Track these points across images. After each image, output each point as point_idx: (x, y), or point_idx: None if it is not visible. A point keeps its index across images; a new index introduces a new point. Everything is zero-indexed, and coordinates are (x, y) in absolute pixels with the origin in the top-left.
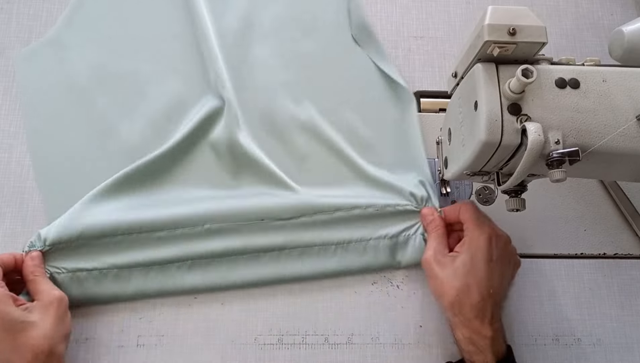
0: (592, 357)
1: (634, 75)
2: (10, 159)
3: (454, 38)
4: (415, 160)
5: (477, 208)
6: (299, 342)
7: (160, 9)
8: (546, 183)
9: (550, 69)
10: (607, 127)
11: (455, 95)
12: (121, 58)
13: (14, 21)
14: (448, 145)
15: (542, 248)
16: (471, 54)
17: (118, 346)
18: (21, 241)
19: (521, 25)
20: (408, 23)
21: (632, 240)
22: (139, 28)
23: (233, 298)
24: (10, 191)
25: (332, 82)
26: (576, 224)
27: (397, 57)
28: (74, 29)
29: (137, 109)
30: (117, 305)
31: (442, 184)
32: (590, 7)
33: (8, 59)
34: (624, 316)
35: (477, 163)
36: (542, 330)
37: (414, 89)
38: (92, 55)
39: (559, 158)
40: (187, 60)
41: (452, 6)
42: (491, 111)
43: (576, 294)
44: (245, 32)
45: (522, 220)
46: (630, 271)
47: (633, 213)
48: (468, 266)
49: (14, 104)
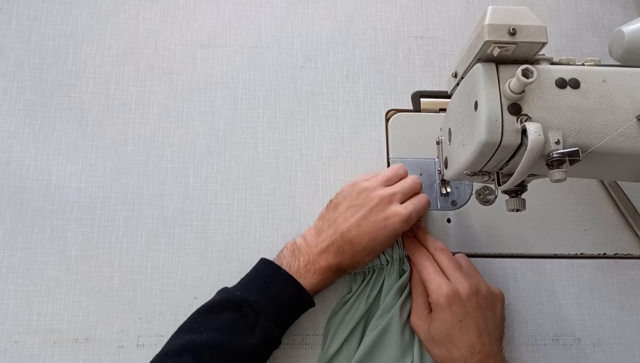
0: (592, 357)
1: (634, 75)
2: (10, 159)
3: (454, 38)
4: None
5: (428, 265)
6: (299, 342)
7: None
8: (546, 183)
9: (550, 69)
10: (607, 127)
11: (455, 95)
12: None
13: (14, 21)
14: (448, 145)
15: (542, 248)
16: (471, 54)
17: (118, 346)
18: (21, 241)
19: (521, 25)
20: (408, 23)
21: (632, 240)
22: None
23: None
24: (10, 191)
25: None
26: (576, 224)
27: (397, 57)
28: None
29: None
30: (117, 305)
31: (442, 184)
32: (590, 7)
33: (8, 59)
34: (624, 317)
35: (477, 163)
36: (542, 330)
37: (414, 89)
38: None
39: (559, 158)
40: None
41: (452, 6)
42: (491, 111)
43: (576, 294)
44: None
45: (522, 220)
46: (630, 271)
47: (633, 213)
48: (441, 334)
49: (14, 104)
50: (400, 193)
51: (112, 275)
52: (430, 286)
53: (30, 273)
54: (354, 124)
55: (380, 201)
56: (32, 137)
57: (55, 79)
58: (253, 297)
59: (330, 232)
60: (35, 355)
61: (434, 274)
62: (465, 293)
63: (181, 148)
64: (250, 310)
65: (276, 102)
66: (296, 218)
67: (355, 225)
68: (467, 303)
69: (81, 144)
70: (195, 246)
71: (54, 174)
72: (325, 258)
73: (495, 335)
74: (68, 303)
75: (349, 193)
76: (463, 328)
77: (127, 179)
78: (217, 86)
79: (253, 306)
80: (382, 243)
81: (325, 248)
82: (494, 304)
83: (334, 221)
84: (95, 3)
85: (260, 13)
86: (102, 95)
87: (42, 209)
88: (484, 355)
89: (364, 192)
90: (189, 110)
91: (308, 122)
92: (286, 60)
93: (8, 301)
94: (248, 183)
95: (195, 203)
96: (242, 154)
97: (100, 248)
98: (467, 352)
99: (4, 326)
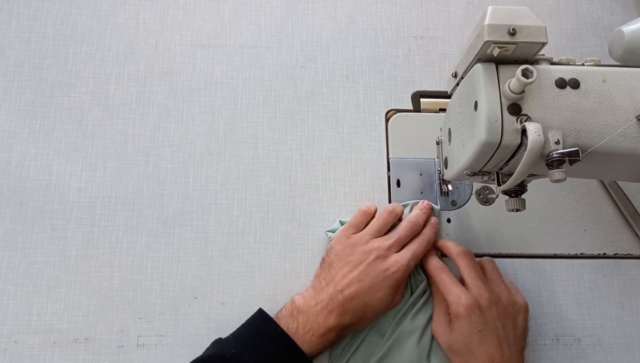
0: (592, 357)
1: (634, 75)
2: (10, 159)
3: (454, 38)
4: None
5: (444, 277)
6: None
7: None
8: (546, 183)
9: (550, 69)
10: (607, 127)
11: (455, 95)
12: None
13: (14, 21)
14: (448, 145)
15: (542, 248)
16: (471, 54)
17: (118, 346)
18: (21, 241)
19: (521, 26)
20: (408, 23)
21: (632, 240)
22: None
23: (233, 298)
24: (10, 191)
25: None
26: (576, 224)
27: (397, 57)
28: None
29: None
30: (117, 305)
31: (442, 184)
32: (590, 7)
33: (8, 59)
34: (624, 317)
35: (477, 163)
36: (542, 330)
37: (414, 89)
38: None
39: (559, 158)
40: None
41: (452, 6)
42: (491, 111)
43: (576, 294)
44: None
45: (522, 220)
46: (630, 271)
47: (633, 213)
48: (460, 344)
49: (14, 104)
50: (396, 244)
51: (112, 275)
52: (449, 298)
53: (30, 273)
54: (354, 124)
55: (377, 255)
56: (32, 137)
57: (55, 79)
58: (248, 355)
59: (330, 290)
60: (35, 355)
61: (451, 285)
62: (485, 303)
63: (181, 148)
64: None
65: (276, 102)
66: (296, 218)
67: (355, 281)
68: (487, 312)
69: (81, 144)
70: (195, 246)
71: (54, 174)
72: (326, 318)
73: (516, 347)
74: (68, 303)
75: (341, 249)
76: (482, 339)
77: (127, 179)
78: (217, 86)
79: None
80: (384, 297)
81: (325, 307)
82: (515, 315)
83: (331, 279)
84: (95, 3)
85: (260, 13)
86: (102, 95)
87: (42, 209)
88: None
89: (357, 247)
90: (189, 110)
91: (308, 122)
92: (286, 60)
93: (8, 301)
94: (248, 183)
95: (195, 203)
96: (242, 154)
97: (100, 248)
98: (486, 362)
99: (4, 326)
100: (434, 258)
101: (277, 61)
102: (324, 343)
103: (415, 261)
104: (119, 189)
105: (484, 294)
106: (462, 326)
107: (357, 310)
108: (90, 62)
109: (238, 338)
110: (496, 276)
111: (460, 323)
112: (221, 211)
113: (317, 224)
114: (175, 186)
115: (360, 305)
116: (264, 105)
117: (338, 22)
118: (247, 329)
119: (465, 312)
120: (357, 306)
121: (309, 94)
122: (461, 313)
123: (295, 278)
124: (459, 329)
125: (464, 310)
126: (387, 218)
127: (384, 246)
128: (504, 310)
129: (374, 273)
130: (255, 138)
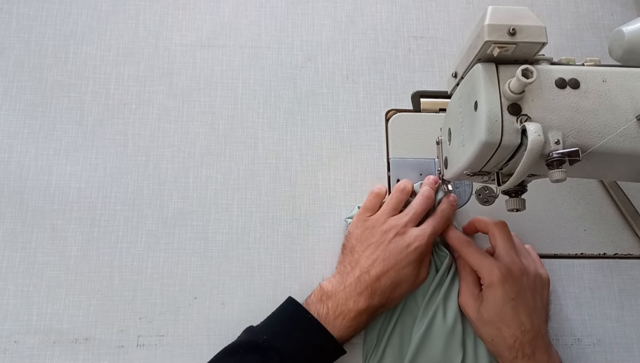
0: (592, 357)
1: (634, 75)
2: (10, 159)
3: (454, 38)
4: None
5: (472, 250)
6: None
7: None
8: (546, 183)
9: (550, 69)
10: (607, 127)
11: (455, 95)
12: None
13: (14, 21)
14: (448, 145)
15: (542, 248)
16: (471, 54)
17: (118, 346)
18: (21, 241)
19: (521, 26)
20: (408, 23)
21: (632, 240)
22: None
23: (233, 298)
24: (10, 191)
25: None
26: (576, 224)
27: (397, 57)
28: None
29: None
30: (117, 305)
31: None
32: (590, 7)
33: (8, 59)
34: (624, 317)
35: (477, 163)
36: None
37: (414, 89)
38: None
39: (559, 158)
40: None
41: (452, 6)
42: (491, 111)
43: (576, 294)
44: None
45: (522, 220)
46: (630, 271)
47: (633, 213)
48: (492, 313)
49: (14, 104)
50: (413, 219)
51: (112, 275)
52: (482, 270)
53: (30, 273)
54: (354, 124)
55: (396, 232)
56: (32, 137)
57: (55, 79)
58: (279, 342)
59: (356, 273)
60: (35, 355)
61: (481, 256)
62: (517, 272)
63: (181, 148)
64: (275, 356)
65: (276, 102)
66: (296, 218)
67: (379, 260)
68: (519, 281)
69: (81, 144)
70: (195, 246)
71: (54, 174)
72: (356, 301)
73: (542, 317)
74: (68, 303)
75: (360, 233)
76: (515, 307)
77: (127, 179)
78: (217, 86)
79: (279, 352)
80: (410, 273)
81: (354, 289)
82: (542, 287)
83: (356, 262)
84: (95, 3)
85: (260, 13)
86: (102, 95)
87: (42, 210)
88: (534, 334)
89: (375, 228)
90: (189, 110)
91: (308, 122)
92: (286, 60)
93: (8, 301)
94: (248, 183)
95: (195, 203)
96: (242, 154)
97: (100, 248)
98: (517, 330)
99: (3, 326)
100: (455, 231)
101: (277, 61)
102: (355, 326)
103: (435, 236)
104: (119, 189)
105: (517, 263)
106: (495, 294)
107: (386, 289)
108: (90, 62)
109: (269, 326)
110: (524, 250)
111: (494, 291)
112: (221, 211)
113: (317, 224)
114: (175, 186)
115: (388, 283)
116: (264, 105)
117: (338, 22)
118: (278, 317)
119: (498, 281)
120: (385, 285)
121: (309, 94)
122: (495, 282)
123: (296, 278)
124: (492, 297)
125: (497, 279)
126: (399, 196)
127: (401, 222)
128: (532, 282)
129: (396, 249)
130: (255, 138)
